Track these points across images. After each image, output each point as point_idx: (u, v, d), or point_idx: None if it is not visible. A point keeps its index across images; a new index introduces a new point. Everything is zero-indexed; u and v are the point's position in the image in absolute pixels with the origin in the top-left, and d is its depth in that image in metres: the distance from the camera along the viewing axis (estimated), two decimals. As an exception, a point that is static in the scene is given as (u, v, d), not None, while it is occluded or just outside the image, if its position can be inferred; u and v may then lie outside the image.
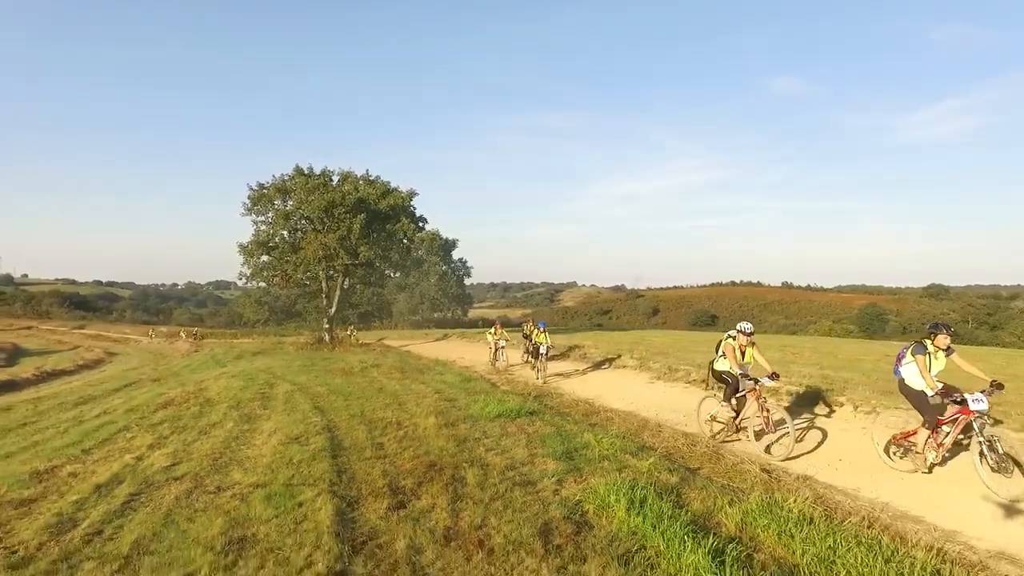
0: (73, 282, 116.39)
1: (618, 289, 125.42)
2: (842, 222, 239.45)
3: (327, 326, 28.00)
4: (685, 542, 3.65)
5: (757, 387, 6.77)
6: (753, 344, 7.14)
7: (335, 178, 26.85)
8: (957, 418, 5.38)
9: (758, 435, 6.78)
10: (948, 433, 5.49)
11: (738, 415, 7.10)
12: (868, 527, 4.25)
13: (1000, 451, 5.04)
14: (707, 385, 7.99)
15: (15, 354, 37.09)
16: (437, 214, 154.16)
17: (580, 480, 5.23)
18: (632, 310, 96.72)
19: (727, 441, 7.25)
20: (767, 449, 6.70)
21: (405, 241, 28.18)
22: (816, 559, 3.53)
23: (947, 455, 5.71)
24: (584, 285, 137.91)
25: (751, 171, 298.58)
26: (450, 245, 61.39)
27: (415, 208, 28.36)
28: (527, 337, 15.07)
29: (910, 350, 5.86)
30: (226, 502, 5.01)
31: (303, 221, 26.40)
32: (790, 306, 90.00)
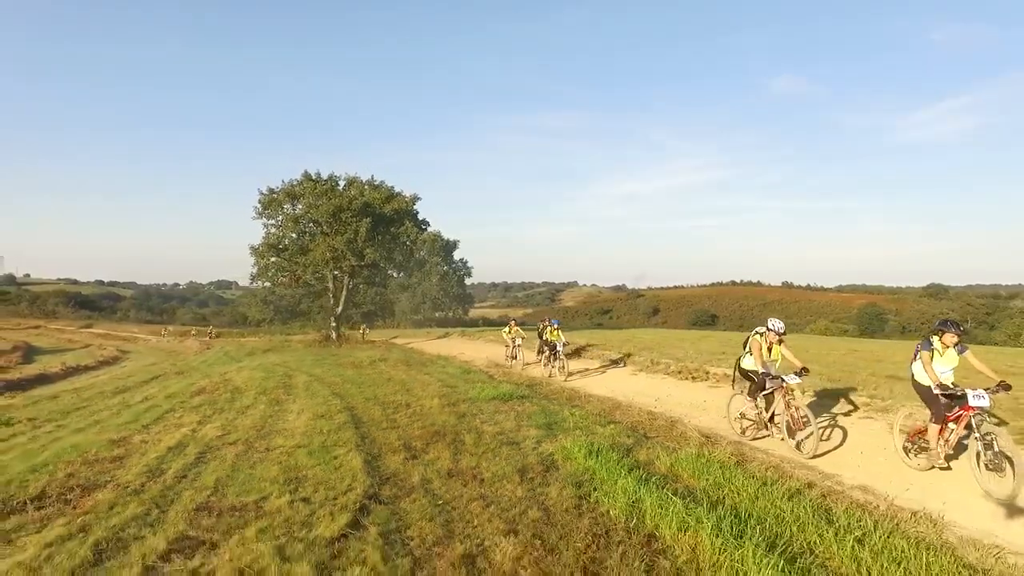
0: (75, 282, 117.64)
1: (619, 289, 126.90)
2: (842, 222, 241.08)
3: (334, 324, 29.43)
4: (621, 473, 5.05)
5: (783, 385, 6.67)
6: (781, 342, 6.99)
7: (341, 183, 28.29)
8: (960, 415, 5.39)
9: (789, 432, 6.70)
10: (953, 430, 5.50)
11: (765, 412, 7.07)
12: (766, 470, 5.64)
13: (996, 449, 5.00)
14: (734, 383, 7.92)
15: (29, 352, 38.31)
16: (437, 214, 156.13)
17: (554, 441, 6.63)
18: (632, 310, 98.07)
19: (756, 439, 7.19)
20: (797, 446, 6.56)
21: (408, 243, 29.63)
22: (712, 484, 4.93)
23: (951, 452, 5.66)
24: (585, 285, 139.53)
25: (751, 171, 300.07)
26: (451, 246, 63.04)
27: (418, 212, 29.88)
28: (541, 336, 14.51)
29: (920, 347, 5.90)
30: (277, 457, 6.42)
31: (311, 224, 27.83)
32: (790, 306, 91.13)
